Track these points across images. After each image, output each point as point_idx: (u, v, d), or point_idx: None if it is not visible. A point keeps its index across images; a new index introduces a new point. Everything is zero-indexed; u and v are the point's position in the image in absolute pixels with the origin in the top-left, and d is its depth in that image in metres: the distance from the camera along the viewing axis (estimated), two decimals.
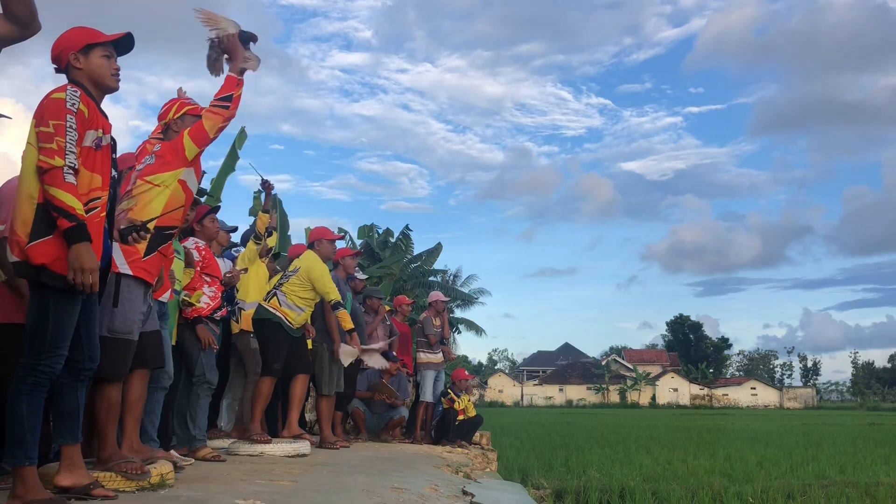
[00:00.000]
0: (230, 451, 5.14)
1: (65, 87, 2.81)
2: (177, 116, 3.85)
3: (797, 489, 9.03)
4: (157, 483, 3.32)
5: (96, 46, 2.96)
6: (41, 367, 2.69)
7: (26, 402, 2.67)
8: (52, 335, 2.70)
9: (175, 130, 3.78)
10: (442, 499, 4.15)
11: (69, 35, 2.98)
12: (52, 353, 2.70)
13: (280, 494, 3.45)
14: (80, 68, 2.94)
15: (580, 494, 8.80)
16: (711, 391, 70.92)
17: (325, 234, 6.37)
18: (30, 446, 2.67)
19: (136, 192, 3.52)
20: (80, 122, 2.77)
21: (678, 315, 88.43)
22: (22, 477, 2.66)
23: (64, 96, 2.76)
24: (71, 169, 2.69)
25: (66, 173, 2.67)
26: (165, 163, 3.57)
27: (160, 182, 3.53)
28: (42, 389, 2.70)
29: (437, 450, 7.46)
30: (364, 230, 25.59)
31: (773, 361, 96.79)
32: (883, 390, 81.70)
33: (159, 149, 3.65)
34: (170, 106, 3.99)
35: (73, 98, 2.77)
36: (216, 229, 5.56)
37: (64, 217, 2.65)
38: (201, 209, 5.93)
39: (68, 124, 2.71)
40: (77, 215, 2.67)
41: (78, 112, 2.75)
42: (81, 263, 2.65)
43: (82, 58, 2.94)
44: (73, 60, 2.93)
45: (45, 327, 2.70)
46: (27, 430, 2.67)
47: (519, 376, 79.32)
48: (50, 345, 2.70)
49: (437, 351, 8.76)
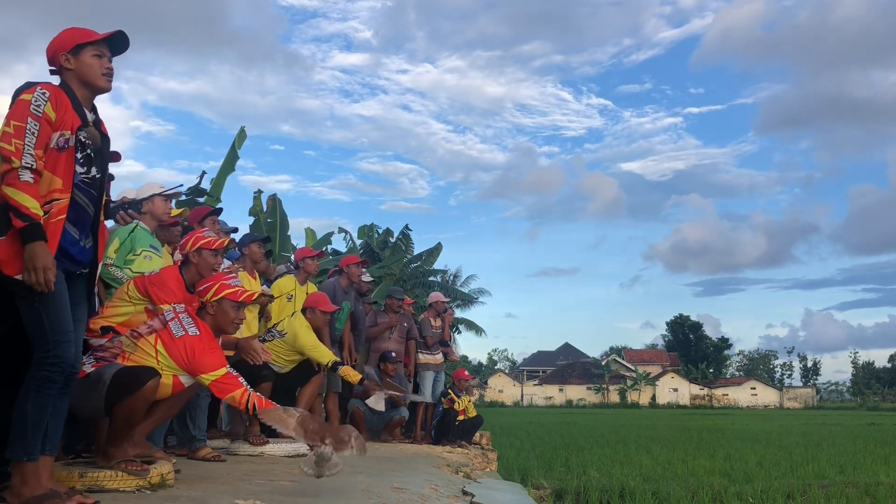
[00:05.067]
0: (230, 451, 5.14)
1: (34, 89, 2.76)
2: (214, 299, 3.76)
3: (797, 489, 9.03)
4: (157, 483, 3.33)
5: (87, 46, 2.92)
6: (50, 360, 2.69)
7: (33, 398, 2.69)
8: (50, 328, 2.71)
9: (210, 313, 3.74)
10: (442, 499, 4.15)
11: (61, 36, 2.96)
12: (56, 341, 2.70)
13: (280, 494, 3.46)
14: (71, 69, 2.91)
15: (580, 494, 8.81)
16: (711, 391, 70.88)
17: (320, 302, 6.02)
18: (30, 442, 2.68)
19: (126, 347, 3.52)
20: (45, 125, 2.72)
21: (678, 315, 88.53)
22: (22, 472, 2.68)
23: (30, 98, 2.73)
24: (27, 169, 2.65)
25: (22, 173, 2.64)
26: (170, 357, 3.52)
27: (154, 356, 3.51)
28: (52, 385, 2.71)
29: (437, 450, 7.46)
30: (364, 230, 25.60)
31: (773, 361, 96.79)
32: (883, 390, 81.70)
33: (180, 336, 3.54)
34: (187, 240, 4.15)
35: (39, 100, 2.73)
36: (217, 231, 5.59)
37: (18, 217, 2.62)
38: (203, 210, 5.94)
39: (28, 127, 2.67)
40: (31, 215, 2.63)
41: (43, 115, 2.72)
42: (35, 262, 2.61)
43: (72, 58, 2.91)
44: (64, 61, 2.91)
45: (41, 324, 2.70)
46: (29, 426, 2.68)
47: (519, 376, 79.24)
48: (51, 334, 2.70)
49: (436, 352, 8.77)
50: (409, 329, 8.49)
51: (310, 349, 5.69)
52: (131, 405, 3.31)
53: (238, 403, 3.47)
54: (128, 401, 3.29)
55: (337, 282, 7.37)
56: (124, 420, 3.34)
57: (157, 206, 4.72)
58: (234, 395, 3.46)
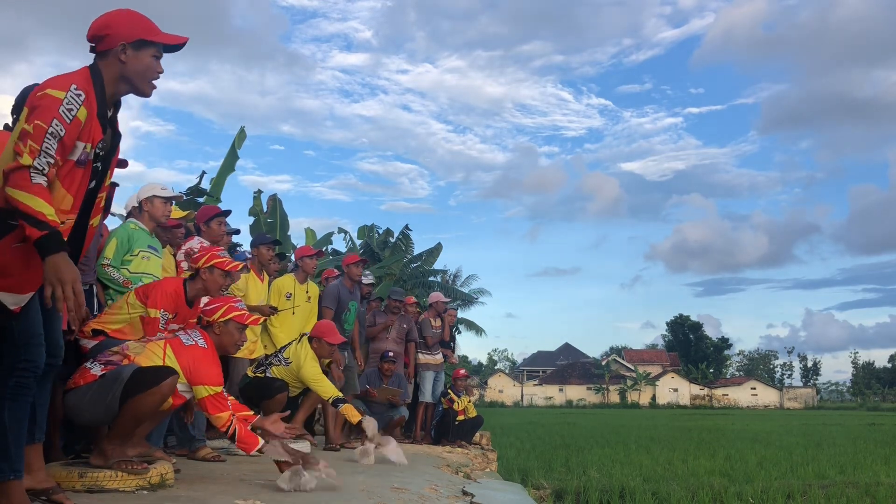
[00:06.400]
0: (230, 451, 5.14)
1: (67, 84, 2.35)
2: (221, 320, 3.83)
3: (797, 489, 9.03)
4: (156, 483, 3.33)
5: (151, 45, 2.52)
6: (21, 364, 2.41)
7: (9, 408, 2.39)
8: (19, 332, 2.42)
9: (216, 333, 3.82)
10: (442, 499, 4.15)
11: (124, 20, 2.50)
12: (26, 346, 2.43)
13: (280, 494, 3.46)
14: (125, 62, 2.47)
15: (580, 494, 8.81)
16: (711, 391, 70.87)
17: (327, 332, 5.85)
18: (14, 458, 2.41)
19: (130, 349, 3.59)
20: (73, 131, 2.34)
21: (678, 315, 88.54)
22: (7, 492, 2.40)
23: (62, 97, 2.32)
24: (40, 172, 2.27)
25: (34, 174, 2.25)
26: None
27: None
28: (27, 392, 2.43)
29: (437, 450, 7.47)
30: (364, 230, 25.60)
31: (773, 361, 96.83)
32: (883, 390, 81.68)
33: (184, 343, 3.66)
34: (202, 254, 4.12)
35: (72, 103, 2.33)
36: (222, 233, 5.61)
37: (33, 225, 2.23)
38: (209, 210, 5.91)
39: (52, 130, 2.28)
40: (48, 222, 2.24)
41: (73, 121, 2.33)
42: (60, 275, 2.24)
43: (132, 51, 2.48)
44: (121, 52, 2.46)
45: (10, 332, 2.42)
46: (11, 441, 2.39)
47: (519, 376, 79.23)
48: (20, 340, 2.42)
49: (436, 352, 8.76)
50: (408, 331, 8.48)
51: (312, 382, 5.64)
52: (145, 401, 3.33)
53: (222, 424, 3.56)
54: (144, 396, 3.31)
55: (341, 283, 7.37)
56: (132, 417, 3.36)
57: (157, 208, 4.70)
58: (223, 415, 3.56)
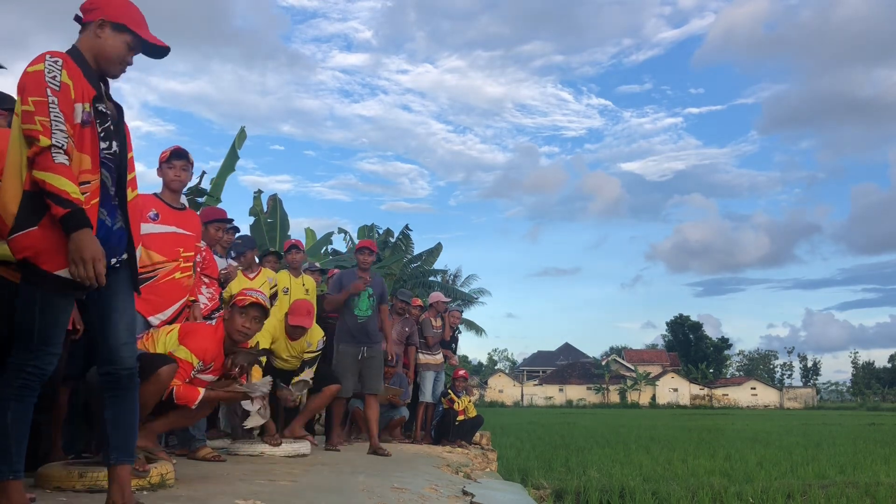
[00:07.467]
0: (230, 451, 5.14)
1: (42, 57, 2.41)
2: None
3: (797, 489, 9.03)
4: (157, 483, 3.33)
5: (130, 32, 2.59)
6: (29, 369, 2.40)
7: (13, 408, 2.39)
8: (39, 333, 2.40)
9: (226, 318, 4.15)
10: (442, 499, 4.15)
11: (118, 2, 2.61)
12: (39, 352, 2.41)
13: (280, 494, 3.46)
14: (99, 37, 2.55)
15: (580, 494, 8.80)
16: (711, 391, 70.90)
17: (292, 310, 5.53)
18: (15, 458, 2.40)
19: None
20: (65, 96, 2.39)
21: (678, 315, 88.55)
22: (6, 491, 2.39)
23: (42, 68, 2.37)
24: (60, 149, 2.32)
25: (55, 153, 2.31)
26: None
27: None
28: (31, 393, 2.43)
29: (437, 450, 7.46)
30: (364, 230, 25.59)
31: (773, 361, 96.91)
32: (883, 390, 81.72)
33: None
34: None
35: (52, 70, 2.38)
36: (219, 238, 5.64)
37: (58, 203, 2.30)
38: (210, 212, 5.93)
39: (50, 101, 2.34)
40: (73, 200, 2.32)
41: (61, 86, 2.38)
42: (83, 253, 2.31)
43: (109, 31, 2.56)
44: (98, 27, 2.55)
45: (31, 324, 2.40)
46: (13, 441, 2.38)
47: (519, 376, 79.25)
48: (38, 343, 2.40)
49: (437, 352, 8.75)
50: (409, 335, 8.46)
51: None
52: (145, 390, 3.30)
53: (169, 389, 3.68)
54: (142, 385, 3.29)
55: (352, 271, 7.32)
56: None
57: None
58: (178, 382, 3.75)
